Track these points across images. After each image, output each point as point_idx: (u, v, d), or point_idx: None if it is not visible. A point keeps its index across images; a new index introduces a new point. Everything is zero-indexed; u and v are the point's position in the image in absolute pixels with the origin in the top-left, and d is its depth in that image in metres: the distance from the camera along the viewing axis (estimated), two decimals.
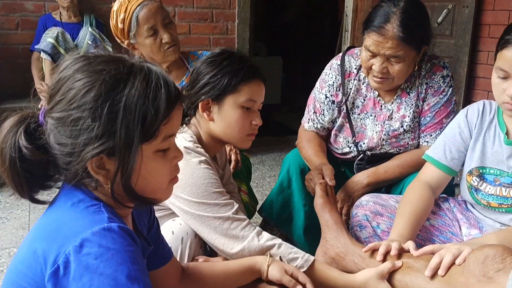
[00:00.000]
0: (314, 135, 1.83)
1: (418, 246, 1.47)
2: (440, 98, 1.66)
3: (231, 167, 1.84)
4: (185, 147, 1.29)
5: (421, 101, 1.68)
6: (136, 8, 1.77)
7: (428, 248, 1.18)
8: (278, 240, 1.28)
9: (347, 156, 1.82)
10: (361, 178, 1.71)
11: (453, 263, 1.08)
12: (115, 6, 1.83)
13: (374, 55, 1.55)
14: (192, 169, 1.27)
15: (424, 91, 1.67)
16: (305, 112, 1.87)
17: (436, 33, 3.73)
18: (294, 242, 1.89)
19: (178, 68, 1.93)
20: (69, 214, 0.79)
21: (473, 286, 1.00)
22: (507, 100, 1.25)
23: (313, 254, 1.36)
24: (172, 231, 1.28)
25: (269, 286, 1.21)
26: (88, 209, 0.79)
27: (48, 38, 3.19)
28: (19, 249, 0.84)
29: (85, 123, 0.77)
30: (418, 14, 1.53)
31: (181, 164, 1.24)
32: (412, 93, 1.68)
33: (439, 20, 3.69)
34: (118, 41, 1.91)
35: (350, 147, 1.79)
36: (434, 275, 1.10)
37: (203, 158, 1.31)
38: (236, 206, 1.30)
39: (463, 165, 1.45)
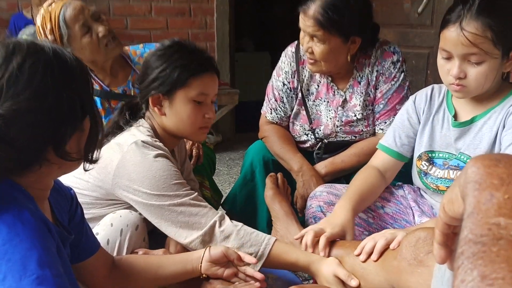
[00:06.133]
0: (283, 129, 1.80)
1: (371, 233, 1.45)
2: (391, 84, 1.64)
3: (192, 162, 1.81)
4: (142, 141, 1.26)
5: (373, 89, 1.67)
6: (60, 12, 1.67)
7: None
8: (238, 227, 1.24)
9: (306, 145, 1.80)
10: (318, 168, 1.69)
11: (387, 248, 1.06)
12: (38, 22, 1.73)
13: (304, 33, 1.57)
14: (150, 163, 1.24)
15: (375, 79, 1.65)
16: (265, 102, 1.84)
17: (417, 23, 3.71)
18: None
19: (122, 69, 1.84)
20: None
21: (404, 270, 0.97)
22: (452, 81, 1.22)
23: None
24: (111, 223, 1.24)
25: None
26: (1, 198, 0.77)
27: (24, 36, 3.17)
28: None
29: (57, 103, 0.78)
30: (346, 4, 1.49)
31: (139, 157, 1.23)
32: (362, 81, 1.67)
33: (420, 10, 3.65)
34: None
35: (307, 135, 1.77)
36: (367, 260, 1.08)
37: (161, 152, 1.28)
38: (196, 193, 1.27)
39: (412, 151, 1.42)
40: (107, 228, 1.24)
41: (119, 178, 1.25)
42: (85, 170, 0.90)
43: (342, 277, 1.12)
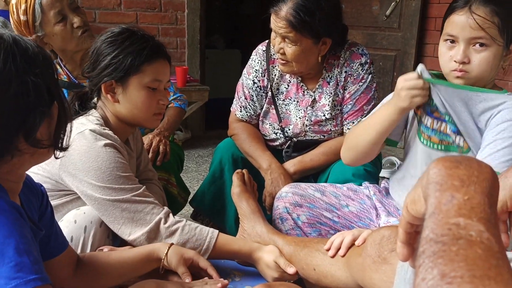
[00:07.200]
0: (252, 128, 1.81)
1: (337, 232, 1.47)
2: (359, 85, 1.67)
3: (158, 159, 1.80)
4: (90, 130, 1.24)
5: (341, 90, 1.69)
6: None
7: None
8: (182, 223, 1.26)
9: (275, 144, 1.81)
10: (287, 167, 1.71)
11: (353, 244, 1.08)
12: (13, 0, 1.68)
13: (275, 34, 1.58)
14: (97, 153, 1.22)
15: (343, 80, 1.68)
16: (235, 100, 1.84)
17: (384, 26, 3.78)
18: (227, 232, 1.87)
19: None
20: None
21: (368, 267, 0.99)
22: (454, 67, 1.23)
23: None
24: (74, 220, 1.22)
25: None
26: None
27: None
28: None
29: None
30: (318, 5, 1.51)
31: (85, 147, 1.21)
32: (331, 82, 1.70)
33: (387, 13, 3.73)
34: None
35: (276, 133, 1.78)
36: (335, 256, 1.10)
37: (109, 141, 1.26)
38: (142, 188, 1.27)
39: (402, 134, 1.44)
40: (71, 225, 1.22)
41: (65, 167, 1.23)
42: (56, 158, 0.90)
43: (281, 265, 1.24)
